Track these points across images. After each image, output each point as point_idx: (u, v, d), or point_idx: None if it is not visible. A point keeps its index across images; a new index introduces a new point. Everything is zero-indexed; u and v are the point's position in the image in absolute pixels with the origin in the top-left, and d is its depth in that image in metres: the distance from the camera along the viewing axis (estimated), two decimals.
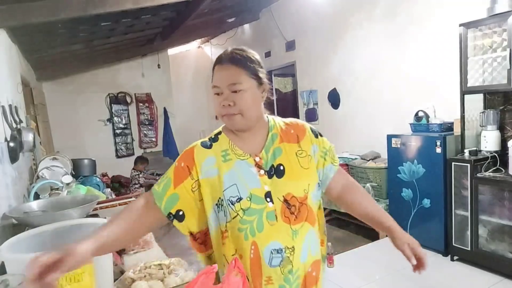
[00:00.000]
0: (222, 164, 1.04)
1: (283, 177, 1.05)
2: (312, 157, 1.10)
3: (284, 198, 1.03)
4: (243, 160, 1.05)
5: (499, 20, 2.73)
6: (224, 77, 1.02)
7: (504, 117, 3.05)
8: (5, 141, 2.06)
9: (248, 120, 1.04)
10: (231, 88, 1.01)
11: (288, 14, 5.55)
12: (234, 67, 1.02)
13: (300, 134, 1.12)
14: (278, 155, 1.07)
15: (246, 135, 1.08)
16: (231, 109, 1.01)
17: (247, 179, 1.03)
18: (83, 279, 0.98)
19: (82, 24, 3.65)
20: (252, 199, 1.01)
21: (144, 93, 7.02)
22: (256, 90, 1.04)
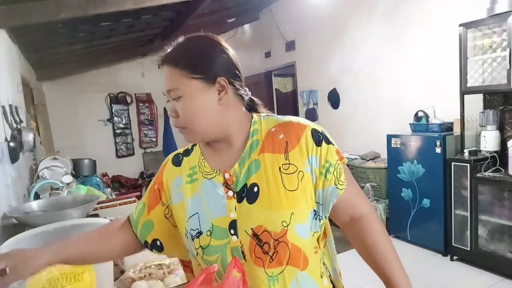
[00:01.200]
0: (187, 187, 0.86)
1: (255, 202, 0.78)
2: (306, 174, 0.80)
3: (253, 231, 0.77)
4: (210, 179, 0.84)
5: (498, 20, 2.74)
6: (164, 81, 0.82)
7: (504, 117, 3.05)
8: (5, 141, 2.06)
9: (199, 134, 0.82)
10: (170, 95, 0.81)
11: (288, 14, 5.56)
12: (170, 67, 0.80)
13: (291, 140, 0.81)
14: (253, 171, 0.80)
15: (220, 146, 0.86)
16: (177, 121, 0.82)
17: (211, 205, 0.82)
18: (83, 278, 0.99)
19: (82, 24, 3.65)
20: (213, 233, 0.80)
21: (144, 93, 7.03)
22: (202, 93, 0.79)
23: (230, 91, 0.81)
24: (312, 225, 0.81)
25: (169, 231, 0.89)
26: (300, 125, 0.83)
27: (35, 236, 1.23)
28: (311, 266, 0.80)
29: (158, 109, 7.14)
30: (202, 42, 0.85)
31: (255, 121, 0.86)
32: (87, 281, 1.00)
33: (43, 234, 1.25)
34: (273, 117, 0.87)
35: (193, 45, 0.84)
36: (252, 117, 0.87)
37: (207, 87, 0.79)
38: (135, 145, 7.02)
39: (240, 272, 0.75)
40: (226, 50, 0.84)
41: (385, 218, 3.79)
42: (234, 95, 0.83)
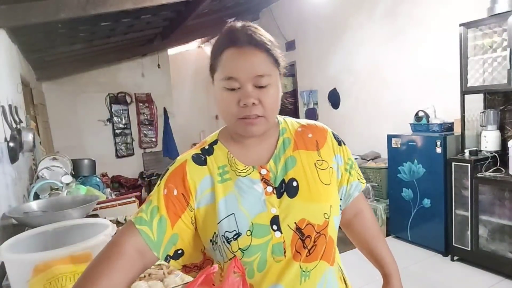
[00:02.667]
0: (218, 187, 0.80)
1: (296, 196, 0.79)
2: (335, 171, 0.86)
3: (296, 225, 0.77)
4: (245, 176, 0.80)
5: (499, 20, 2.73)
6: (247, 65, 0.74)
7: (504, 117, 3.05)
8: (5, 141, 2.06)
9: (270, 125, 0.81)
10: (256, 81, 0.75)
11: (288, 14, 5.55)
12: (259, 52, 0.76)
13: (320, 140, 0.87)
14: (291, 167, 0.82)
15: (251, 142, 0.83)
16: (255, 109, 0.75)
17: (249, 204, 0.78)
18: None
19: (82, 24, 3.65)
20: (254, 232, 0.76)
21: (144, 93, 7.02)
22: (279, 84, 0.80)
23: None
24: (339, 219, 0.87)
25: (192, 237, 0.81)
26: (322, 127, 0.91)
27: (34, 236, 1.23)
28: (336, 262, 0.84)
29: (158, 109, 7.14)
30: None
31: (280, 121, 0.90)
32: None
33: (42, 234, 1.25)
34: (290, 118, 0.93)
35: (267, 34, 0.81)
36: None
37: (280, 77, 0.82)
38: (135, 145, 7.02)
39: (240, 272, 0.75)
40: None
41: (386, 218, 3.79)
42: None
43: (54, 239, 1.25)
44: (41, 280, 0.93)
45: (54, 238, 1.26)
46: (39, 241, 1.22)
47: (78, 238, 1.16)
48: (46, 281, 0.93)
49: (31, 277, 0.92)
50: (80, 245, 1.02)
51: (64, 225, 1.32)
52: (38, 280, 0.92)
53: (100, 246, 1.06)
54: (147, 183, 6.51)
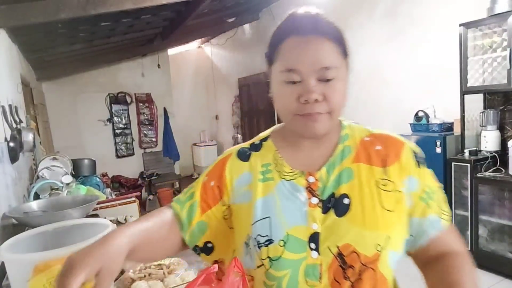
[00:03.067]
0: (258, 185, 0.73)
1: (344, 216, 0.67)
2: (404, 197, 0.69)
3: (338, 250, 0.65)
4: (289, 180, 0.71)
5: (499, 20, 2.73)
6: (311, 56, 0.65)
7: (504, 117, 3.05)
8: (5, 141, 2.06)
9: (334, 123, 0.71)
10: (321, 74, 0.65)
11: None
12: (326, 41, 0.67)
13: (390, 155, 0.71)
14: (345, 180, 0.69)
15: (305, 145, 0.74)
16: (318, 106, 0.66)
17: (288, 211, 0.69)
18: None
19: (82, 24, 3.65)
20: (287, 243, 0.67)
21: (144, 93, 7.03)
22: (347, 78, 0.72)
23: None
24: (398, 257, 0.69)
25: (225, 233, 0.76)
26: (399, 140, 0.74)
27: (34, 236, 1.23)
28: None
29: (158, 109, 7.14)
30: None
31: (344, 125, 0.77)
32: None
33: (43, 234, 1.25)
34: (362, 125, 0.78)
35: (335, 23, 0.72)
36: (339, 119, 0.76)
37: (348, 72, 0.71)
38: (135, 145, 7.02)
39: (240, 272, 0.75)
40: None
41: None
42: None
43: (54, 239, 1.25)
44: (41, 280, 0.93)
45: (54, 238, 1.26)
46: (39, 241, 1.22)
47: (78, 238, 1.16)
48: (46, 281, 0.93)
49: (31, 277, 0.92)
50: (80, 245, 1.01)
51: (64, 225, 1.31)
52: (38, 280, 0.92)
53: None
54: (147, 183, 6.51)
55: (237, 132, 7.52)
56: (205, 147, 7.98)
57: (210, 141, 8.17)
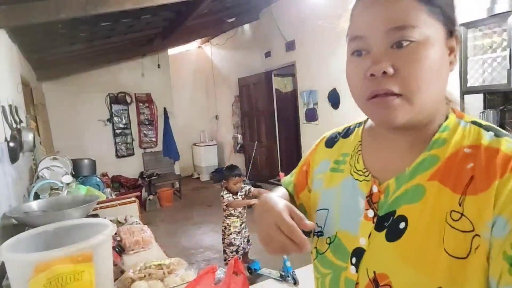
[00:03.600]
0: (329, 175, 0.68)
1: (394, 242, 0.54)
2: (483, 242, 0.47)
3: (374, 276, 0.55)
4: (356, 179, 0.62)
5: (499, 20, 2.74)
6: (380, 14, 0.51)
7: (504, 117, 3.04)
8: (5, 141, 2.06)
9: (417, 109, 0.52)
10: (392, 36, 0.50)
11: (288, 14, 5.56)
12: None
13: (479, 178, 0.49)
14: (411, 200, 0.53)
15: (388, 141, 0.60)
16: (387, 81, 0.51)
17: (344, 211, 0.63)
18: (83, 278, 0.98)
19: (82, 24, 3.65)
20: (332, 244, 0.63)
21: (144, 93, 7.03)
22: (442, 47, 0.52)
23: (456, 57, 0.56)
24: None
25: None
26: (509, 159, 0.48)
27: (35, 236, 1.23)
28: None
29: (158, 109, 7.15)
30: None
31: (447, 125, 0.56)
32: (86, 280, 0.99)
33: (43, 234, 1.25)
34: (480, 128, 0.54)
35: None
36: (447, 116, 0.58)
37: (446, 39, 0.53)
38: (135, 145, 7.02)
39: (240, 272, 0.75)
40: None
41: None
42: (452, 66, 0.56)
43: (54, 239, 1.25)
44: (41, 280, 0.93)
45: (54, 238, 1.26)
46: (39, 241, 1.22)
47: (78, 238, 1.16)
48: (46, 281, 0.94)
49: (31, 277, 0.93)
50: (80, 245, 1.02)
51: (64, 225, 1.32)
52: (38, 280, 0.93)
53: (100, 246, 1.06)
54: (147, 183, 6.51)
55: (237, 132, 7.52)
56: (205, 147, 7.98)
57: (210, 141, 8.17)
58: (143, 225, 2.04)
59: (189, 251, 4.00)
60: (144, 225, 2.04)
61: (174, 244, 4.27)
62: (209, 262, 3.70)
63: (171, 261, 1.45)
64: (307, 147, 5.61)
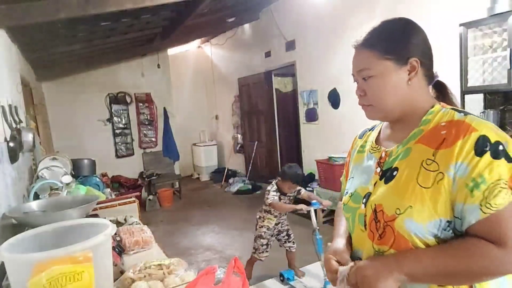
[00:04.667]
0: (356, 156, 1.03)
1: (388, 184, 0.85)
2: (446, 178, 0.75)
3: (375, 206, 0.85)
4: (372, 153, 0.95)
5: (499, 20, 2.73)
6: (354, 63, 0.90)
7: (504, 117, 3.04)
8: (4, 141, 2.06)
9: (384, 112, 0.89)
10: (360, 75, 0.88)
11: (288, 14, 5.55)
12: (363, 50, 0.87)
13: (449, 139, 0.77)
14: (402, 158, 0.85)
15: (395, 126, 0.94)
16: (363, 99, 0.90)
17: (363, 174, 0.95)
18: (82, 278, 0.98)
19: (82, 24, 3.65)
20: (353, 196, 0.95)
21: (144, 93, 7.03)
22: (393, 73, 0.84)
23: (420, 73, 0.85)
24: (438, 233, 0.77)
25: None
26: (469, 127, 0.76)
27: (34, 237, 1.22)
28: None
29: (157, 109, 7.14)
30: (396, 24, 0.88)
31: (432, 111, 0.86)
32: (86, 281, 0.99)
33: (42, 234, 1.25)
34: (454, 112, 0.83)
35: (387, 27, 0.87)
36: (433, 106, 0.87)
37: (398, 67, 0.84)
38: (135, 145, 7.02)
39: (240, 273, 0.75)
40: (420, 32, 0.87)
41: None
42: (422, 77, 0.87)
43: (54, 239, 1.25)
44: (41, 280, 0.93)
45: (54, 238, 1.25)
46: (39, 241, 1.22)
47: (78, 238, 1.16)
48: (46, 281, 0.93)
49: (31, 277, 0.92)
50: (80, 245, 1.01)
51: (64, 225, 1.31)
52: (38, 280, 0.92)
53: (100, 246, 1.06)
54: (147, 183, 6.51)
55: (237, 132, 7.52)
56: (205, 147, 7.97)
57: (210, 141, 8.16)
58: (143, 225, 2.04)
59: (189, 252, 3.99)
60: (144, 225, 2.04)
61: (174, 244, 4.26)
62: (209, 263, 3.69)
63: (171, 262, 1.45)
64: (307, 147, 5.62)
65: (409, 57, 0.83)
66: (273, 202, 2.94)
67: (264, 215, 3.09)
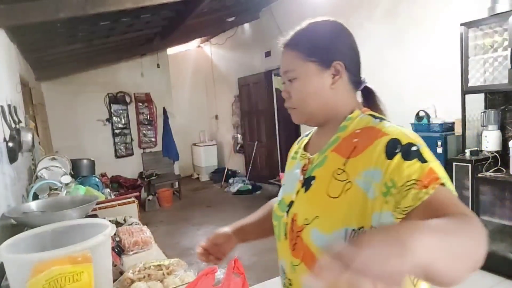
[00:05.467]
0: (289, 162, 0.98)
1: (306, 193, 0.82)
2: (355, 187, 0.71)
3: (293, 216, 0.82)
4: (300, 160, 0.90)
5: (500, 20, 2.73)
6: (281, 64, 0.87)
7: (505, 117, 3.04)
8: (4, 141, 2.05)
9: (308, 115, 0.84)
10: (285, 76, 0.85)
11: (288, 14, 5.55)
12: (288, 50, 0.85)
13: (359, 146, 0.74)
14: (320, 166, 0.82)
15: (320, 131, 0.90)
16: (288, 102, 0.86)
17: (290, 183, 0.90)
18: (82, 279, 0.97)
19: (82, 24, 3.64)
20: (280, 204, 0.91)
21: (143, 93, 7.02)
22: (316, 76, 0.80)
23: (345, 77, 0.82)
24: (330, 239, 0.72)
25: None
26: (379, 132, 0.73)
27: (34, 237, 1.22)
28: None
29: (157, 109, 7.13)
30: (324, 26, 0.85)
31: (350, 117, 0.82)
32: (86, 281, 0.98)
33: (42, 234, 1.24)
34: (371, 118, 0.80)
35: (314, 29, 0.85)
36: (352, 111, 0.83)
37: (322, 70, 0.80)
38: (134, 145, 7.01)
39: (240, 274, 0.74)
40: (348, 36, 0.86)
41: None
42: (348, 82, 0.83)
43: (53, 239, 1.24)
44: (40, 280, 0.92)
45: (53, 238, 1.25)
46: (38, 241, 1.21)
47: (78, 238, 1.15)
48: (45, 281, 0.93)
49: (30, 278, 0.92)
50: (79, 246, 1.01)
51: (63, 225, 1.31)
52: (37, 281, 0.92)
53: (99, 246, 1.05)
54: (146, 183, 6.50)
55: (237, 132, 7.51)
56: (204, 147, 7.97)
57: (210, 141, 8.16)
58: (142, 225, 2.04)
59: (188, 252, 3.98)
60: (143, 225, 2.03)
61: (174, 244, 4.26)
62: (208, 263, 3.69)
63: (170, 262, 1.44)
64: None
65: (333, 61, 0.80)
66: None
67: None
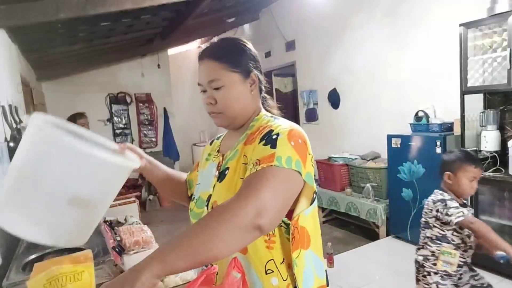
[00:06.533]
0: (202, 162, 1.10)
1: (221, 182, 0.93)
2: (248, 167, 0.87)
3: (213, 203, 0.93)
4: (213, 161, 1.03)
5: (499, 20, 2.73)
6: (203, 73, 0.96)
7: (504, 117, 3.04)
8: (5, 141, 2.06)
9: (231, 119, 0.97)
10: (211, 85, 0.94)
11: (288, 14, 5.56)
12: (212, 61, 0.94)
13: (255, 138, 0.91)
14: (231, 158, 0.95)
15: (231, 133, 1.04)
16: (214, 107, 0.95)
17: (205, 181, 1.01)
18: (82, 278, 0.98)
19: (82, 24, 3.65)
20: (197, 202, 1.00)
21: (144, 93, 7.02)
22: (240, 84, 0.95)
23: (257, 85, 0.99)
24: None
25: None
26: (267, 125, 0.91)
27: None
28: (252, 253, 0.86)
29: (158, 109, 7.14)
30: (235, 42, 1.00)
31: (257, 118, 0.99)
32: (86, 280, 0.99)
33: None
34: (271, 118, 0.97)
35: (229, 44, 0.99)
36: (258, 114, 1.00)
37: (243, 79, 0.95)
38: (135, 145, 6.99)
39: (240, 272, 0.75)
40: (253, 50, 1.01)
41: (385, 218, 3.79)
42: (257, 89, 1.00)
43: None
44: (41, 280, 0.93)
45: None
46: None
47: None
48: (46, 281, 0.93)
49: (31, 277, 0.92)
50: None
51: None
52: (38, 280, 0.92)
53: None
54: (147, 183, 6.50)
55: None
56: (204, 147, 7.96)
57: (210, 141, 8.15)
58: (143, 225, 2.04)
59: None
60: (144, 225, 2.04)
61: None
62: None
63: None
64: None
65: (250, 71, 0.96)
66: (468, 218, 1.71)
67: (435, 247, 1.85)
